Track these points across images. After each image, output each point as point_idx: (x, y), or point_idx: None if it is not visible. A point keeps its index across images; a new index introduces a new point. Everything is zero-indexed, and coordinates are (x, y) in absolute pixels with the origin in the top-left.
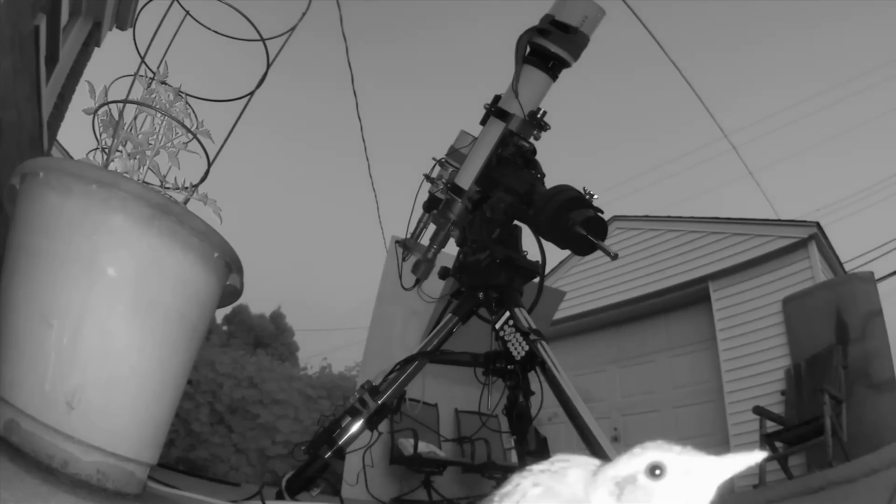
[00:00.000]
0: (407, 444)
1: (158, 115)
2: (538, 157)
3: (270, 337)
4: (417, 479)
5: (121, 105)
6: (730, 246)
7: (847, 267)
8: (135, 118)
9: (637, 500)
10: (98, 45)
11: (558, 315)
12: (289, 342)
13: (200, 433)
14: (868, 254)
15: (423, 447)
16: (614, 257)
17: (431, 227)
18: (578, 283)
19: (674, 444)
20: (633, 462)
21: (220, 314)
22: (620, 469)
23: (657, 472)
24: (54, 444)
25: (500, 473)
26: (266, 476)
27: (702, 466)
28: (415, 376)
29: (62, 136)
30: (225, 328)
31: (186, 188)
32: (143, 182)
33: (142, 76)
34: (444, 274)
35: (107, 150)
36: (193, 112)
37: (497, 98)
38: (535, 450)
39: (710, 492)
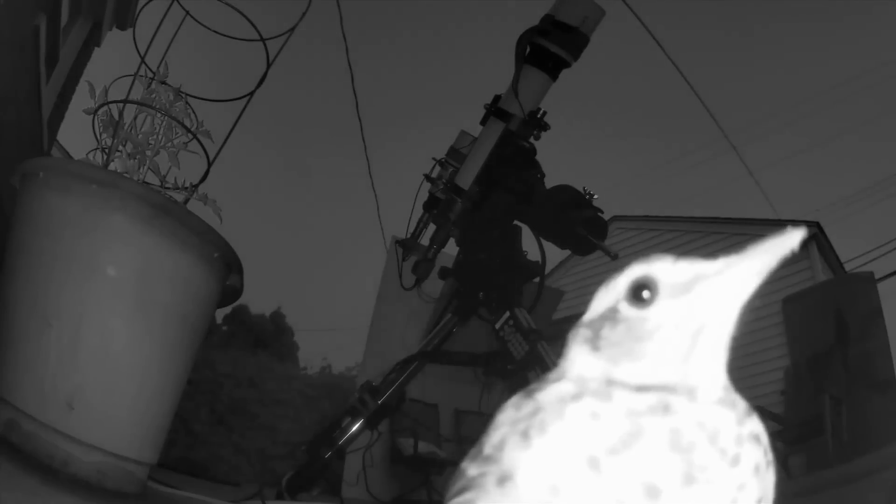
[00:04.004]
0: (407, 444)
1: (158, 115)
2: (538, 157)
3: (270, 337)
4: (417, 479)
5: (121, 105)
6: (730, 246)
7: (847, 267)
8: (135, 118)
9: (618, 342)
10: (98, 45)
11: (558, 315)
12: (289, 342)
13: (200, 433)
14: (868, 254)
15: (423, 447)
16: (614, 257)
17: (431, 227)
18: (578, 283)
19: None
20: (612, 290)
21: (220, 314)
22: (595, 306)
23: (644, 294)
24: (54, 444)
25: None
26: (266, 476)
27: (712, 273)
28: (415, 376)
29: (62, 136)
30: (225, 328)
31: (186, 188)
32: (143, 182)
33: (142, 76)
34: (444, 274)
35: (107, 150)
36: (193, 112)
37: (497, 98)
38: None
39: (733, 309)
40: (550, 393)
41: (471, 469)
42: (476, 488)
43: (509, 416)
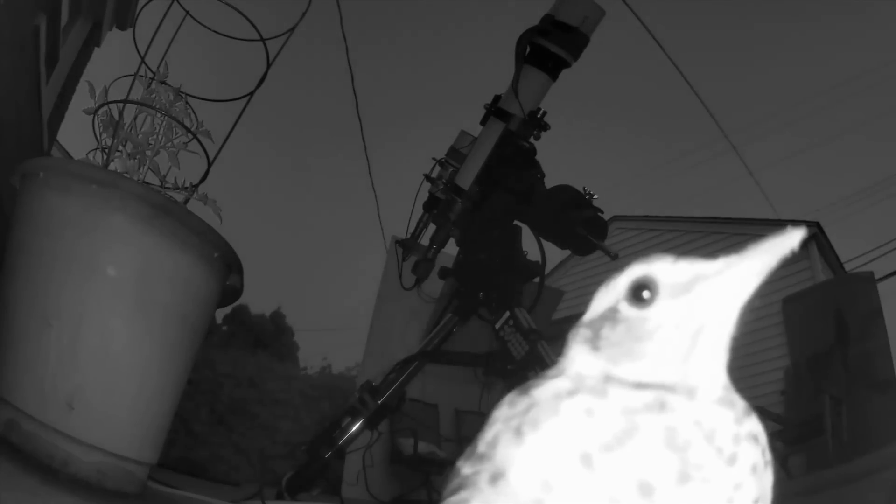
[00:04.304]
0: (407, 444)
1: (158, 115)
2: (538, 157)
3: (270, 337)
4: (417, 479)
5: (121, 105)
6: (730, 246)
7: (847, 267)
8: (135, 118)
9: (618, 342)
10: (98, 45)
11: (558, 315)
12: (289, 342)
13: (200, 433)
14: (868, 254)
15: (423, 447)
16: (614, 257)
17: (431, 227)
18: (578, 283)
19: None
20: (612, 290)
21: (220, 314)
22: (595, 306)
23: (644, 294)
24: (54, 444)
25: None
26: (266, 476)
27: (712, 273)
28: (415, 376)
29: (62, 136)
30: (225, 328)
31: (186, 188)
32: (143, 182)
33: (142, 76)
34: (444, 274)
35: (107, 150)
36: (193, 112)
37: (497, 98)
38: None
39: (733, 309)
40: (546, 389)
41: (465, 467)
42: (470, 487)
43: (503, 412)
